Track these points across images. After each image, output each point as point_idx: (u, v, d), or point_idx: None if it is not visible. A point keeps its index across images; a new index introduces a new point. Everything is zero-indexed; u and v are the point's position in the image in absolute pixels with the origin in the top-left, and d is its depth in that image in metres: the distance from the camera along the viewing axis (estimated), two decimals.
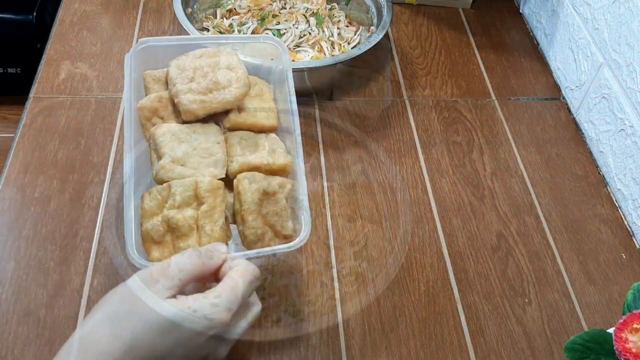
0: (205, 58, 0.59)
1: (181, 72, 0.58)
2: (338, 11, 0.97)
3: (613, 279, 0.73)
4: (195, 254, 0.48)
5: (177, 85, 0.56)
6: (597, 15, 0.87)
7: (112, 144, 0.79)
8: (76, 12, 0.99)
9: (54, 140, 0.79)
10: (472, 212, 0.78)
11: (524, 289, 0.71)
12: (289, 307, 0.66)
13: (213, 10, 0.94)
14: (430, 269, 0.72)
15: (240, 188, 0.54)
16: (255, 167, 0.56)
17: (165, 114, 0.58)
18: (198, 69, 0.58)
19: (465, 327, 0.67)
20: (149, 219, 0.53)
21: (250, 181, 0.54)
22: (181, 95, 0.56)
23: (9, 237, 0.69)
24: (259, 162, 0.56)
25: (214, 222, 0.52)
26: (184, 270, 0.47)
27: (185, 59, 0.59)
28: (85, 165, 0.77)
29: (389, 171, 0.82)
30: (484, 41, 1.04)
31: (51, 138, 0.79)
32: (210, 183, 0.53)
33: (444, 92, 0.94)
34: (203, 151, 0.55)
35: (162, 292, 0.46)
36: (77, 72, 0.89)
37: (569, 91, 0.95)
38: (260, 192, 0.54)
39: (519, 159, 0.86)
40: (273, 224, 0.55)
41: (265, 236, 0.54)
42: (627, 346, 0.45)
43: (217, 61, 0.59)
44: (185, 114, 0.56)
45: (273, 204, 0.55)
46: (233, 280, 0.48)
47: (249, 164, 0.56)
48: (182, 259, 0.48)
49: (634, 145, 0.79)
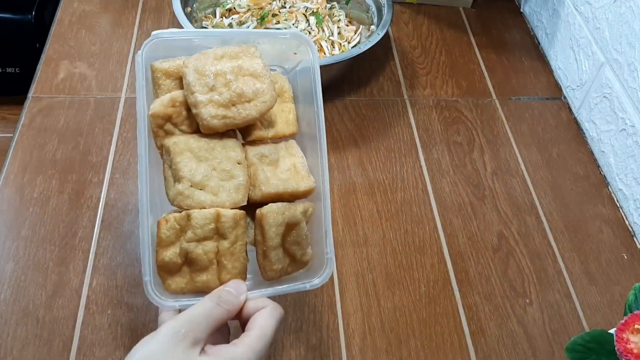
0: (226, 60, 0.53)
1: (200, 78, 0.51)
2: (338, 10, 0.97)
3: (614, 279, 0.73)
4: (216, 302, 0.47)
5: (197, 94, 0.51)
6: (598, 14, 0.87)
7: (111, 144, 0.79)
8: (75, 11, 0.98)
9: (52, 140, 0.79)
10: (473, 212, 0.78)
11: (524, 289, 0.71)
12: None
13: (212, 10, 0.94)
14: (431, 269, 0.72)
15: (264, 223, 0.50)
16: (279, 194, 0.52)
17: (178, 120, 0.52)
18: (220, 74, 0.51)
19: (465, 328, 0.67)
20: (166, 249, 0.49)
21: (275, 217, 0.50)
22: (201, 108, 0.50)
23: (7, 237, 0.69)
24: (282, 190, 0.52)
25: (235, 259, 0.50)
26: (209, 321, 0.45)
27: (205, 60, 0.52)
28: (84, 165, 0.76)
29: (389, 171, 0.81)
30: (485, 41, 1.04)
31: (50, 138, 0.79)
32: (233, 218, 0.49)
33: (445, 91, 0.94)
34: (223, 173, 0.51)
35: (193, 350, 0.43)
36: (76, 71, 0.89)
37: (570, 91, 0.95)
38: (284, 226, 0.51)
39: (519, 158, 0.86)
40: (293, 253, 0.53)
41: (285, 268, 0.53)
42: (628, 347, 0.45)
43: (241, 65, 0.52)
44: (204, 129, 0.51)
45: (295, 234, 0.52)
46: (262, 329, 0.46)
47: (270, 194, 0.52)
48: (204, 311, 0.46)
49: (635, 145, 0.79)
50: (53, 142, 0.78)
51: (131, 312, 0.64)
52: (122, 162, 0.77)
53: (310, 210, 0.54)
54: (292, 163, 0.55)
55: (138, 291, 0.66)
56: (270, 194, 0.52)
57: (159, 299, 0.48)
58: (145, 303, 0.65)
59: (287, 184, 0.52)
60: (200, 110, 0.50)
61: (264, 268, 0.52)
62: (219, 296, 0.47)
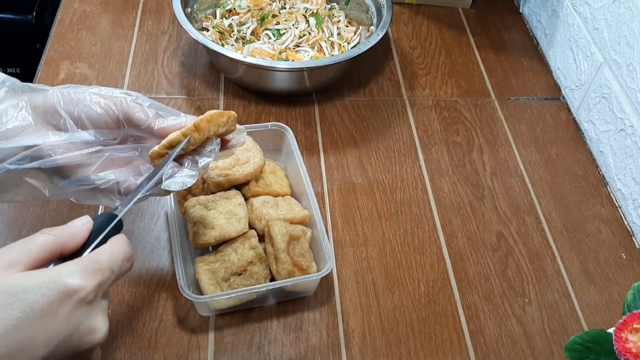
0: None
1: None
2: (338, 11, 0.97)
3: (613, 278, 0.73)
4: (47, 232, 0.42)
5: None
6: (597, 15, 0.87)
7: None
8: (76, 12, 0.99)
9: None
10: (472, 212, 0.78)
11: (523, 289, 0.71)
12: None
13: (213, 10, 0.94)
14: (430, 269, 0.72)
15: (271, 231, 0.64)
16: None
17: (197, 191, 0.70)
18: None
19: (465, 327, 0.67)
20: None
21: (280, 227, 0.64)
22: (210, 172, 0.69)
23: (8, 237, 0.69)
24: (282, 217, 0.67)
25: (254, 282, 0.64)
26: (28, 245, 0.41)
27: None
28: None
29: (389, 171, 0.82)
30: (484, 41, 1.04)
31: None
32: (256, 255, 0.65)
33: (444, 92, 0.94)
34: (228, 214, 0.66)
35: (7, 269, 0.38)
36: (77, 72, 0.89)
37: (569, 91, 0.95)
38: (287, 234, 0.64)
39: (518, 158, 0.86)
40: (300, 263, 0.64)
41: (294, 274, 0.63)
42: (627, 346, 0.45)
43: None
44: (213, 186, 0.69)
45: (299, 247, 0.65)
46: (100, 254, 0.42)
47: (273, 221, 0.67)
48: (29, 239, 0.41)
49: (634, 145, 0.79)
50: None
51: (131, 312, 0.64)
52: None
53: (309, 234, 0.68)
54: (289, 205, 0.70)
55: (138, 291, 0.66)
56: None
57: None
58: (145, 303, 0.65)
59: (286, 214, 0.68)
60: (209, 173, 0.69)
61: (278, 271, 0.63)
62: (52, 228, 0.43)
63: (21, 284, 0.38)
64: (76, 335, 0.39)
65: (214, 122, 0.53)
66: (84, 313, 0.40)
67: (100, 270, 0.41)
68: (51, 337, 0.38)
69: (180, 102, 0.87)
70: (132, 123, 0.52)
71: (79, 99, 0.51)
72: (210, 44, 0.81)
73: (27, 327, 0.37)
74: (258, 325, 0.65)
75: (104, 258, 0.42)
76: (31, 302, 0.37)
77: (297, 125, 0.85)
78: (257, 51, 0.87)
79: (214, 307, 0.64)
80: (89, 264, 0.41)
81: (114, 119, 0.51)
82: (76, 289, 0.39)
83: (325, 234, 0.66)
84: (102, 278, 0.41)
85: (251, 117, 0.86)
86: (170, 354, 0.62)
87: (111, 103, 0.51)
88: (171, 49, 0.94)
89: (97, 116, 0.51)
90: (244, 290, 0.61)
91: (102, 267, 0.42)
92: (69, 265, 0.40)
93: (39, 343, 0.38)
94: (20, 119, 0.49)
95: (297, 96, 0.90)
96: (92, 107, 0.51)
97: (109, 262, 0.42)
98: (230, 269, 0.64)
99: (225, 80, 0.91)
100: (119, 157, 0.52)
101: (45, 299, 0.38)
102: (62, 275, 0.39)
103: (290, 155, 0.74)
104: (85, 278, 0.40)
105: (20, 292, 0.38)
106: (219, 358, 0.62)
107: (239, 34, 0.91)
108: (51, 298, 0.38)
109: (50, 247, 0.41)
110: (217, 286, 0.63)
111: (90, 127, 0.51)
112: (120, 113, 0.51)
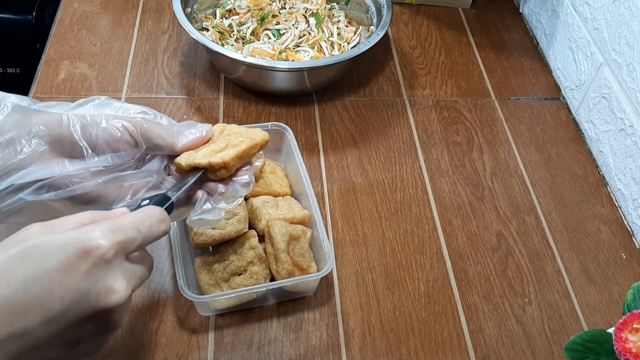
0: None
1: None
2: (338, 11, 0.97)
3: (613, 278, 0.73)
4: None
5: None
6: (597, 15, 0.87)
7: None
8: (75, 12, 0.99)
9: None
10: (472, 212, 0.78)
11: (523, 288, 0.71)
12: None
13: (213, 10, 0.94)
14: (430, 269, 0.72)
15: (271, 231, 0.64)
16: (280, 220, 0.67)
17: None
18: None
19: (465, 327, 0.67)
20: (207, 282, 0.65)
21: (279, 227, 0.64)
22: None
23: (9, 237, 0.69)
24: (282, 217, 0.67)
25: (254, 282, 0.64)
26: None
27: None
28: None
29: (389, 171, 0.82)
30: (484, 41, 1.04)
31: None
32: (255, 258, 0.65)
33: (444, 92, 0.94)
34: (228, 213, 0.66)
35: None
36: (77, 72, 0.89)
37: (568, 91, 0.95)
38: (288, 234, 0.64)
39: (518, 158, 0.86)
40: (300, 263, 0.64)
41: (294, 274, 0.64)
42: (627, 346, 0.45)
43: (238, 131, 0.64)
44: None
45: (299, 247, 0.65)
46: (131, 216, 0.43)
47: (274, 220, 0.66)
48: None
49: (634, 145, 0.79)
50: None
51: (131, 312, 0.64)
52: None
53: (309, 234, 0.67)
54: (289, 205, 0.70)
55: (138, 290, 0.66)
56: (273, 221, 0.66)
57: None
58: (145, 303, 0.65)
59: (286, 214, 0.68)
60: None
61: (278, 271, 0.63)
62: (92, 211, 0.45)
63: (44, 240, 0.40)
64: (93, 292, 0.40)
65: (246, 157, 0.51)
66: (102, 271, 0.40)
67: (121, 230, 0.42)
68: (67, 292, 0.39)
69: (180, 102, 0.87)
70: (151, 143, 0.51)
71: (95, 122, 0.50)
72: (210, 44, 0.81)
73: (44, 279, 0.39)
74: (258, 325, 0.65)
75: (128, 219, 0.43)
76: (51, 257, 0.39)
77: (297, 125, 0.85)
78: (257, 51, 0.87)
79: (214, 307, 0.64)
80: (111, 224, 0.42)
81: (133, 140, 0.51)
82: (94, 246, 0.40)
83: (325, 234, 0.65)
84: (125, 237, 0.42)
85: (251, 117, 0.86)
86: (170, 354, 0.62)
87: (129, 125, 0.50)
88: (171, 49, 0.94)
89: (116, 139, 0.50)
90: (244, 290, 0.61)
91: (124, 227, 0.42)
92: (91, 225, 0.41)
93: (55, 296, 0.39)
94: (34, 145, 0.49)
95: (297, 96, 0.90)
96: (109, 130, 0.50)
97: (132, 223, 0.43)
98: (230, 269, 0.64)
99: (225, 80, 0.91)
100: (137, 184, 0.52)
101: (62, 255, 0.39)
102: (82, 232, 0.40)
103: (290, 155, 0.74)
104: (104, 236, 0.41)
105: (41, 247, 0.40)
106: (219, 358, 0.62)
107: (239, 34, 0.91)
108: (69, 254, 0.39)
109: (87, 218, 0.43)
110: (217, 286, 0.63)
111: (107, 150, 0.50)
112: (139, 135, 0.51)
